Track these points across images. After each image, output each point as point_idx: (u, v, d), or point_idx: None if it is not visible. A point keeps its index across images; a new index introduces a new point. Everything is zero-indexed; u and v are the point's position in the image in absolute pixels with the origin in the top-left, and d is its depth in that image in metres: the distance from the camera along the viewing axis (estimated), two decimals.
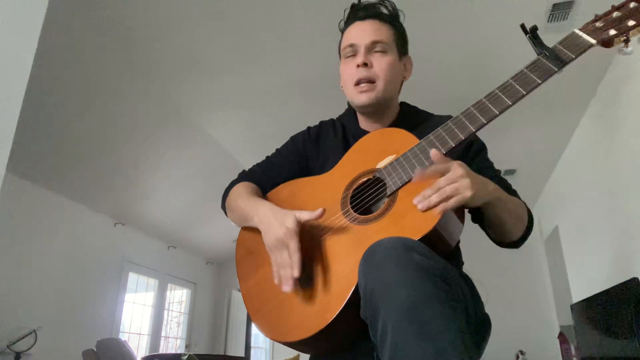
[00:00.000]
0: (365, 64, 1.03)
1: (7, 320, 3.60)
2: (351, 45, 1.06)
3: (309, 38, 2.71)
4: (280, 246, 0.90)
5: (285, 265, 0.88)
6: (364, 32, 1.06)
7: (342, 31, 1.13)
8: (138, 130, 3.71)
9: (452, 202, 0.77)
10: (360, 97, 1.05)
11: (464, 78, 2.98)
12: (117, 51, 2.81)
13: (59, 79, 2.98)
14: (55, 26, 2.44)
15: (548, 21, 2.53)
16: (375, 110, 1.07)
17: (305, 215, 0.90)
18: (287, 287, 0.87)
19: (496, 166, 1.06)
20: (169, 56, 2.88)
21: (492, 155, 1.08)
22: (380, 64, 1.04)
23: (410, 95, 1.23)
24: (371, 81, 1.03)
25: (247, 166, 1.24)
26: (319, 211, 0.90)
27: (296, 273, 0.86)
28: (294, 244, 0.88)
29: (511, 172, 4.56)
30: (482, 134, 1.07)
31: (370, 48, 1.04)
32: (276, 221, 0.92)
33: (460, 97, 0.88)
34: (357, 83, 1.04)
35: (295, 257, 0.87)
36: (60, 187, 4.21)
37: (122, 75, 3.05)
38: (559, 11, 2.48)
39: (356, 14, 1.09)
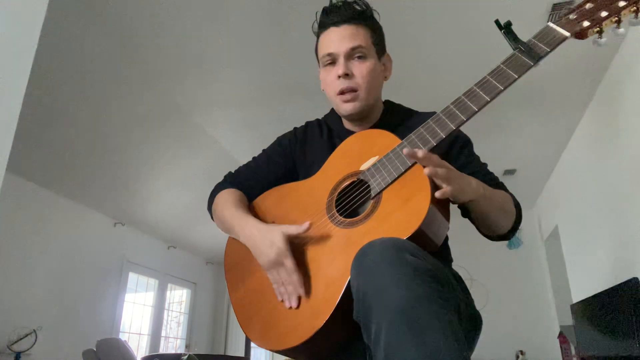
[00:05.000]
0: (346, 74, 1.02)
1: (7, 320, 3.60)
2: (329, 54, 1.04)
3: (310, 38, 2.70)
4: (277, 266, 0.91)
5: (286, 282, 0.89)
6: (340, 39, 1.02)
7: (317, 35, 1.10)
8: (138, 130, 3.71)
9: (440, 171, 0.79)
10: (344, 107, 1.05)
11: (461, 77, 2.97)
12: (118, 51, 2.81)
13: (59, 79, 2.97)
14: (56, 26, 2.44)
15: (548, 21, 2.52)
16: (359, 116, 1.08)
17: (292, 230, 0.91)
18: (294, 304, 0.88)
19: (496, 166, 1.06)
20: (169, 56, 2.88)
21: (492, 155, 1.08)
22: (361, 71, 1.02)
23: (407, 93, 1.23)
24: (354, 90, 1.03)
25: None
26: (306, 225, 0.90)
27: (300, 291, 0.88)
28: (290, 263, 0.89)
29: (511, 172, 4.56)
30: (483, 134, 1.07)
31: (349, 55, 1.02)
32: (265, 240, 0.93)
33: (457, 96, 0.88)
34: (340, 93, 1.04)
35: (295, 277, 0.88)
36: (60, 187, 4.21)
37: (122, 75, 3.05)
38: (559, 11, 2.47)
39: (330, 18, 1.05)
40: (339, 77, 1.02)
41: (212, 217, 1.17)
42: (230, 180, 1.18)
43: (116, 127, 3.61)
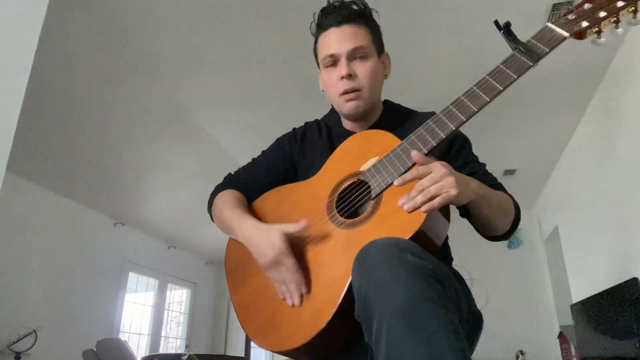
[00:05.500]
0: (349, 75, 1.01)
1: (7, 320, 3.60)
2: (331, 55, 1.03)
3: (310, 37, 2.71)
4: (277, 265, 0.90)
5: (287, 281, 0.89)
6: (342, 39, 1.01)
7: (316, 36, 1.09)
8: (138, 130, 3.71)
9: (437, 201, 0.78)
10: (347, 106, 1.05)
11: (461, 78, 2.97)
12: (117, 51, 2.81)
13: (59, 79, 2.98)
14: (56, 26, 2.44)
15: (548, 21, 2.53)
16: (361, 116, 1.07)
17: (290, 229, 0.90)
18: (296, 301, 0.88)
19: (496, 166, 1.06)
20: (170, 56, 2.88)
21: (492, 155, 1.08)
22: (364, 71, 1.02)
23: (407, 93, 1.22)
24: (357, 90, 1.03)
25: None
26: (303, 223, 0.90)
27: (304, 289, 0.88)
28: (291, 262, 0.89)
29: (511, 172, 4.56)
30: (483, 134, 1.07)
31: (351, 56, 1.02)
32: (265, 240, 0.92)
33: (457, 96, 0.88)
34: (344, 93, 1.03)
35: (298, 275, 0.88)
36: (61, 187, 4.21)
37: (122, 75, 3.05)
38: (559, 11, 2.48)
39: (330, 19, 1.04)
40: (342, 77, 1.02)
41: (212, 219, 1.17)
42: (230, 182, 1.18)
43: (116, 127, 3.61)
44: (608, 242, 3.31)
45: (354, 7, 1.04)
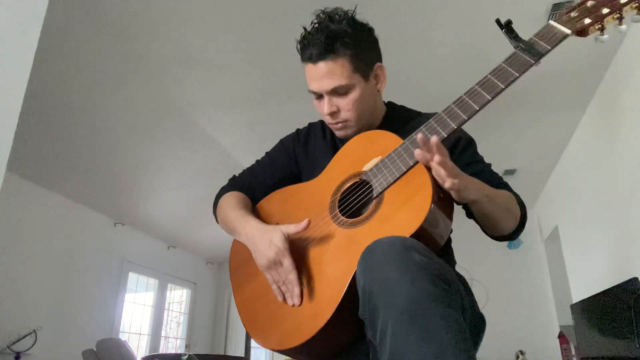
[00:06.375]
0: (332, 113, 1.02)
1: (7, 320, 3.60)
2: (312, 92, 1.03)
3: None
4: (275, 266, 0.91)
5: (287, 282, 0.90)
6: (319, 78, 0.99)
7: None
8: (138, 130, 3.71)
9: (448, 181, 0.78)
10: (337, 133, 1.08)
11: (462, 77, 2.97)
12: (117, 51, 2.81)
13: (59, 79, 2.97)
14: (56, 26, 2.44)
15: (548, 20, 2.53)
16: (357, 133, 1.06)
17: (291, 230, 0.91)
18: (296, 301, 0.88)
19: (496, 166, 1.06)
20: (169, 56, 2.88)
21: (492, 155, 1.08)
22: (347, 105, 1.00)
23: (407, 93, 1.22)
24: (343, 122, 1.03)
25: (247, 166, 1.24)
26: (304, 223, 0.91)
27: (297, 290, 0.88)
28: (287, 262, 0.89)
29: (511, 172, 4.56)
30: (483, 134, 1.06)
31: (332, 93, 1.00)
32: (265, 240, 0.93)
33: (457, 96, 0.88)
34: (332, 123, 1.05)
35: (292, 276, 0.89)
36: (60, 187, 4.21)
37: (121, 74, 3.04)
38: (559, 11, 2.47)
39: (305, 53, 1.01)
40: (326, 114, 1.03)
41: (217, 221, 1.18)
42: (234, 184, 1.19)
43: (116, 127, 3.61)
44: (608, 241, 3.30)
45: (326, 37, 0.97)
